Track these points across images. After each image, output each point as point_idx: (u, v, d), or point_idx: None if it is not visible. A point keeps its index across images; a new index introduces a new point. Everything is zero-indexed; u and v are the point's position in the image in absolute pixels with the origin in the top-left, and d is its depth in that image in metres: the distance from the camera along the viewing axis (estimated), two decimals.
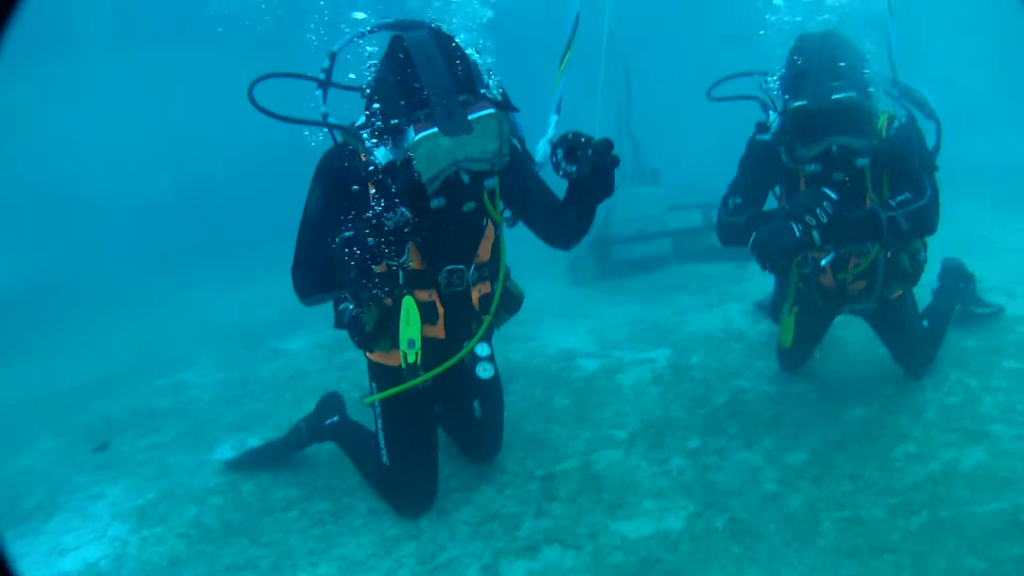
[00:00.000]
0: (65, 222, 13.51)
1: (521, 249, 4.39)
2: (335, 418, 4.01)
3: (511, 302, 3.56)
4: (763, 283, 6.61)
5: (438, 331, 3.26)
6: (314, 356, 6.07)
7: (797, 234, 3.41)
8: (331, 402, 4.15)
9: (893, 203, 3.58)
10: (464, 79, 2.90)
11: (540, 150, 3.28)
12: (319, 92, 3.19)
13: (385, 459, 3.51)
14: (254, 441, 4.63)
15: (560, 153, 2.85)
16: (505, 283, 3.41)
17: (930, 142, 3.83)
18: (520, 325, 6.13)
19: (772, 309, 4.48)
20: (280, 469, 4.17)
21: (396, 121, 2.81)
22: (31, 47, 13.48)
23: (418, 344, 3.08)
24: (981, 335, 4.78)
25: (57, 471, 4.61)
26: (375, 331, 3.21)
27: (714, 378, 4.71)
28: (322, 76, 3.19)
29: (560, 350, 5.57)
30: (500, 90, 3.05)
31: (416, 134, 2.76)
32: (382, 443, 3.50)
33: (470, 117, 2.79)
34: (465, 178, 2.95)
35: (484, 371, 3.30)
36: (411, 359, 3.06)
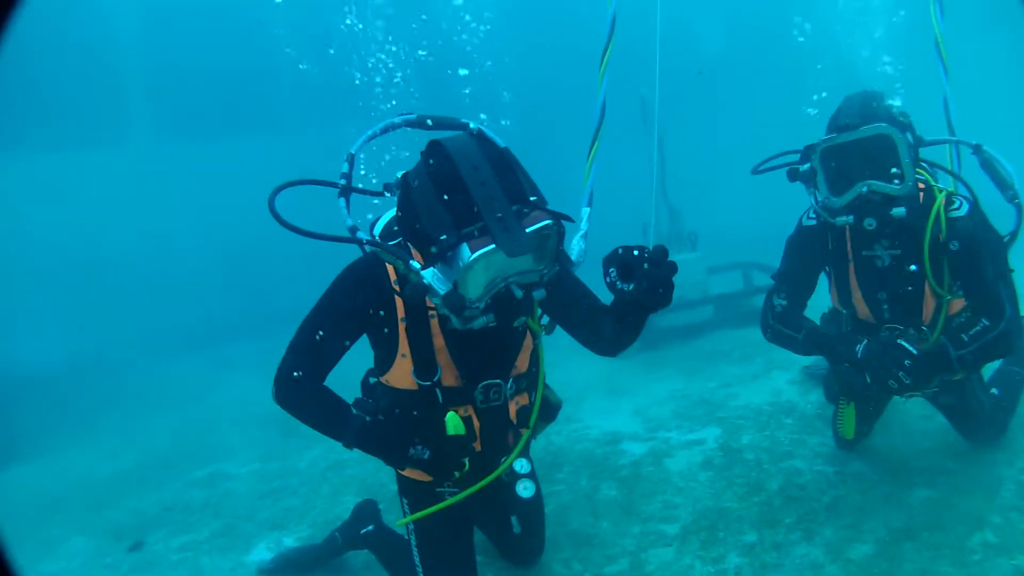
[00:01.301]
0: (105, 302, 13.71)
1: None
2: (370, 528, 3.83)
3: (549, 411, 3.36)
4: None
5: (475, 446, 3.04)
6: None
7: (869, 380, 3.49)
8: (366, 510, 3.97)
9: (966, 336, 3.39)
10: (514, 188, 2.58)
11: (575, 248, 2.97)
12: (341, 200, 2.94)
13: None
14: (290, 540, 4.47)
15: (614, 273, 2.49)
16: (543, 392, 3.22)
17: (1003, 226, 3.63)
18: (564, 404, 5.95)
19: (826, 387, 4.25)
20: (316, 574, 4.00)
21: (445, 237, 2.47)
22: (83, 131, 13.93)
23: (466, 458, 2.92)
24: None
25: (91, 575, 4.48)
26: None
27: (767, 459, 4.48)
28: (342, 182, 2.95)
29: (604, 432, 5.37)
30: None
31: (472, 252, 2.42)
32: (417, 562, 3.28)
33: (528, 230, 2.47)
34: (518, 293, 2.63)
35: (525, 490, 3.10)
36: (463, 469, 2.90)
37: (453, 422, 2.90)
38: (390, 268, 2.87)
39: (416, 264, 2.55)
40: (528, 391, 3.16)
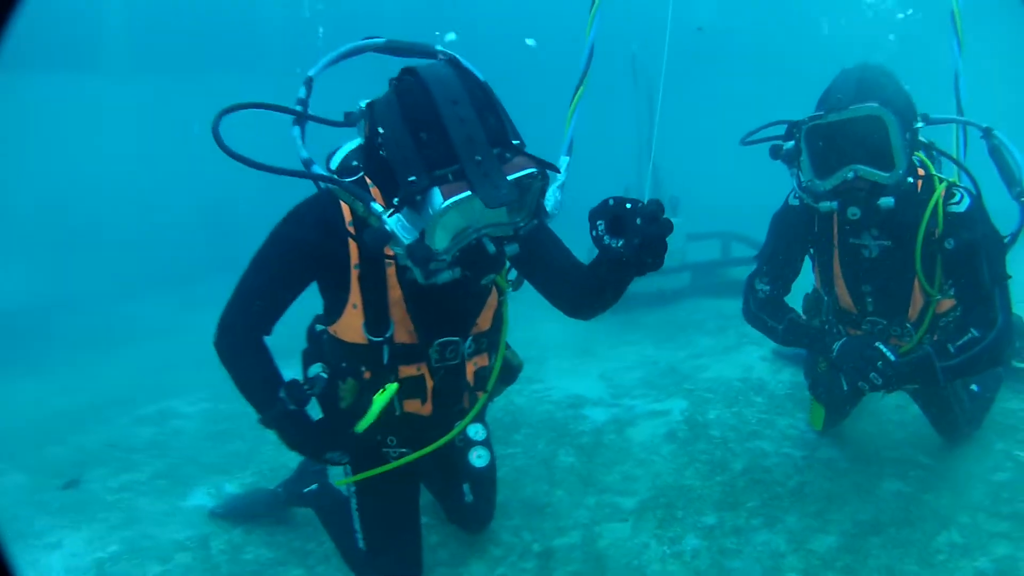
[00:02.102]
0: (75, 237, 13.38)
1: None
2: (314, 487, 3.63)
3: (509, 373, 3.13)
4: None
5: (425, 408, 2.81)
6: None
7: (845, 387, 3.35)
8: (311, 466, 3.76)
9: (952, 347, 3.15)
10: (496, 128, 2.26)
11: (551, 199, 2.69)
12: (295, 130, 2.55)
13: (361, 544, 3.07)
14: (231, 487, 4.27)
15: (602, 226, 2.21)
16: (504, 353, 2.97)
17: (1004, 225, 3.42)
18: (526, 364, 5.75)
19: (806, 368, 4.06)
20: (256, 524, 3.81)
21: (415, 179, 2.15)
22: (60, 60, 13.43)
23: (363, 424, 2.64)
24: None
25: (21, 512, 4.25)
26: (352, 408, 2.71)
27: (733, 437, 4.32)
28: (299, 108, 2.58)
29: (567, 396, 5.19)
30: None
31: (445, 199, 2.11)
32: (357, 526, 3.05)
33: (509, 178, 2.16)
34: (491, 247, 2.35)
35: (479, 458, 2.91)
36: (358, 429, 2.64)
37: (381, 398, 2.63)
38: (345, 207, 2.56)
39: (378, 207, 2.23)
40: (488, 351, 2.92)
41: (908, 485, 3.64)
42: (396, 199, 2.20)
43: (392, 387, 2.64)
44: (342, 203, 2.55)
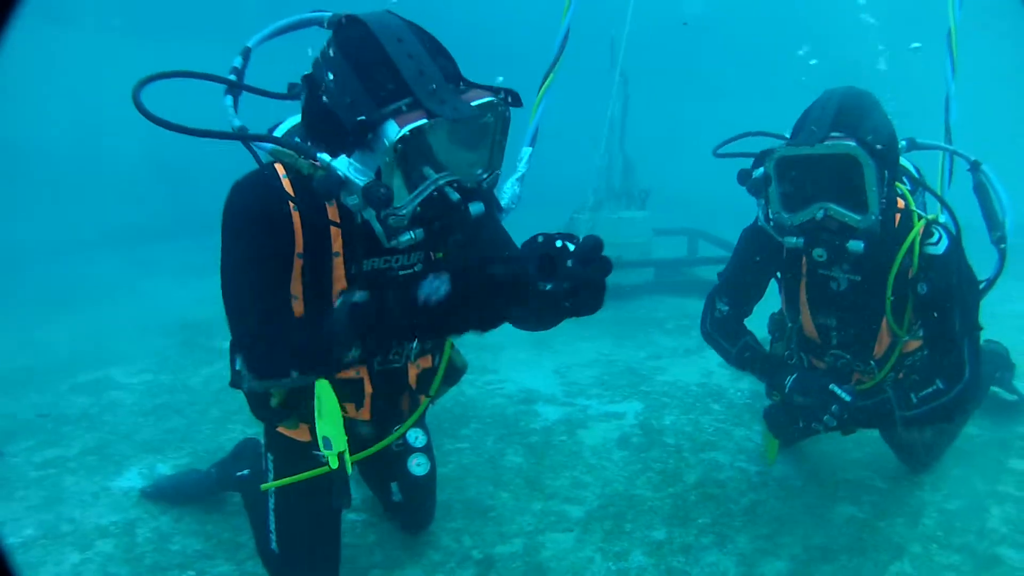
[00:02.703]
0: (29, 189, 12.97)
1: None
2: (246, 472, 3.41)
3: (453, 375, 2.87)
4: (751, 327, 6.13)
5: (362, 413, 2.59)
6: None
7: (800, 424, 3.19)
8: (247, 450, 3.56)
9: (915, 397, 3.02)
10: (447, 67, 2.07)
11: (508, 192, 2.49)
12: (227, 99, 2.30)
13: (273, 546, 2.82)
14: (165, 467, 4.08)
15: (531, 268, 1.78)
16: (450, 352, 2.77)
17: (981, 267, 3.29)
18: (479, 351, 5.61)
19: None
20: (188, 509, 3.62)
21: (364, 116, 1.93)
22: (32, 8, 12.93)
23: (343, 443, 2.27)
24: (985, 424, 4.32)
25: None
26: (282, 408, 2.49)
27: (687, 447, 4.20)
28: (233, 77, 2.34)
29: (520, 389, 5.05)
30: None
31: (400, 127, 1.89)
32: (272, 526, 2.80)
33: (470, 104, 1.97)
34: (454, 196, 2.06)
35: (418, 466, 2.75)
36: (334, 464, 2.27)
37: (322, 391, 2.31)
38: (287, 183, 2.23)
39: (326, 156, 1.97)
40: (433, 352, 2.71)
41: (862, 510, 3.54)
42: (347, 144, 1.99)
43: (324, 383, 2.33)
44: (283, 179, 2.25)
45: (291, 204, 2.21)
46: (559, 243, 1.73)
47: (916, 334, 3.27)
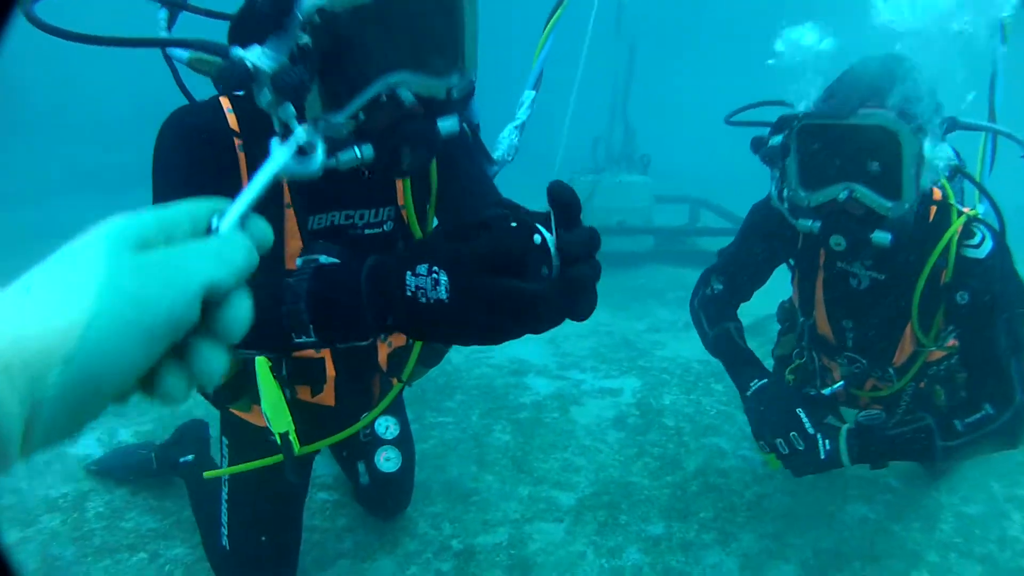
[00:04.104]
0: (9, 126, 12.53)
1: None
2: (190, 457, 3.10)
3: (431, 355, 2.45)
4: (745, 307, 5.84)
5: (325, 397, 2.24)
6: None
7: (767, 449, 2.73)
8: (191, 433, 3.24)
9: (960, 424, 2.53)
10: None
11: (503, 143, 2.19)
12: (163, 12, 1.92)
13: (224, 542, 2.48)
14: (126, 434, 3.77)
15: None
16: None
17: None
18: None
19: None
20: (143, 483, 3.32)
21: None
22: None
23: (284, 424, 1.99)
24: None
25: None
26: (229, 388, 2.17)
27: (688, 430, 3.91)
28: None
29: (510, 359, 4.74)
30: None
31: None
32: (224, 519, 2.47)
33: None
34: (407, 97, 1.57)
35: (387, 461, 2.42)
36: (291, 452, 2.00)
37: (261, 373, 2.00)
38: (232, 118, 1.85)
39: (239, 51, 1.50)
40: None
41: (874, 511, 3.27)
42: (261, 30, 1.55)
43: (262, 362, 2.03)
44: (228, 113, 1.86)
45: (236, 141, 1.83)
46: (537, 238, 1.04)
47: (943, 344, 2.88)
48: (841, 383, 3.02)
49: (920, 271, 2.64)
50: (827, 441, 2.56)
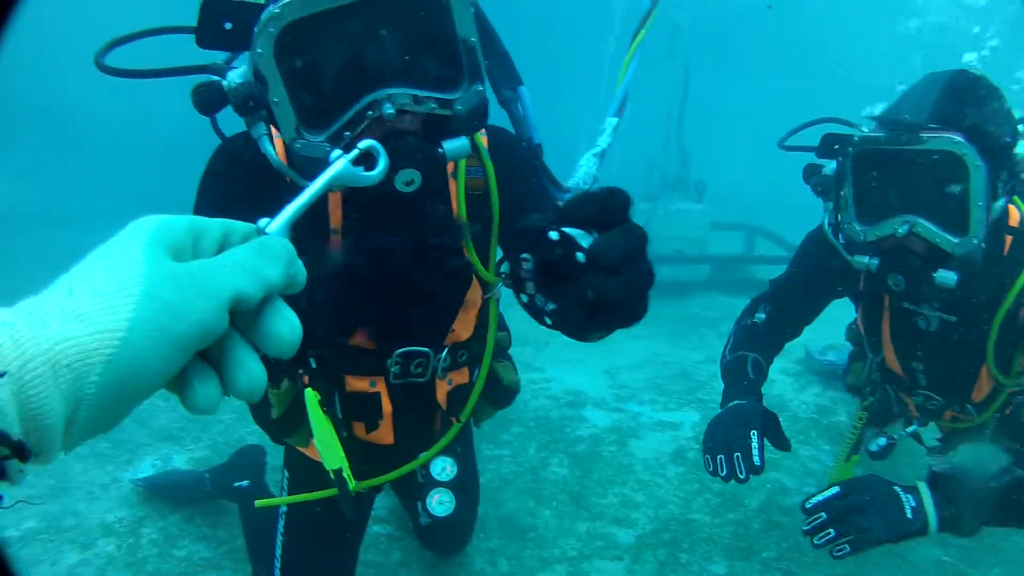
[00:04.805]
0: (66, 151, 12.87)
1: None
2: (245, 483, 3.09)
3: (499, 395, 2.39)
4: (807, 334, 5.71)
5: (382, 435, 2.18)
6: None
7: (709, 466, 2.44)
8: (248, 459, 3.23)
9: None
10: None
11: (580, 170, 2.11)
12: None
13: (277, 573, 2.41)
14: (180, 460, 3.80)
15: (529, 264, 0.94)
16: (493, 364, 2.25)
17: None
18: (523, 346, 5.25)
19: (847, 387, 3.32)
20: (198, 509, 3.32)
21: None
22: None
23: (337, 461, 1.94)
24: None
25: None
26: (285, 420, 2.13)
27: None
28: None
29: (566, 391, 4.68)
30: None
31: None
32: (277, 551, 2.40)
33: None
34: (388, 109, 1.45)
35: (440, 505, 2.36)
36: (346, 488, 1.94)
37: (311, 406, 1.96)
38: (279, 143, 1.65)
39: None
40: (470, 366, 2.24)
41: (948, 553, 3.13)
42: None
43: (311, 395, 1.99)
44: (276, 138, 1.67)
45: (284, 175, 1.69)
46: (554, 234, 0.89)
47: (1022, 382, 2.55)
48: (915, 425, 2.85)
49: (996, 311, 2.37)
50: (910, 497, 2.22)
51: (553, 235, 0.89)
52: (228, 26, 1.43)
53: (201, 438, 4.02)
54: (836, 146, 2.33)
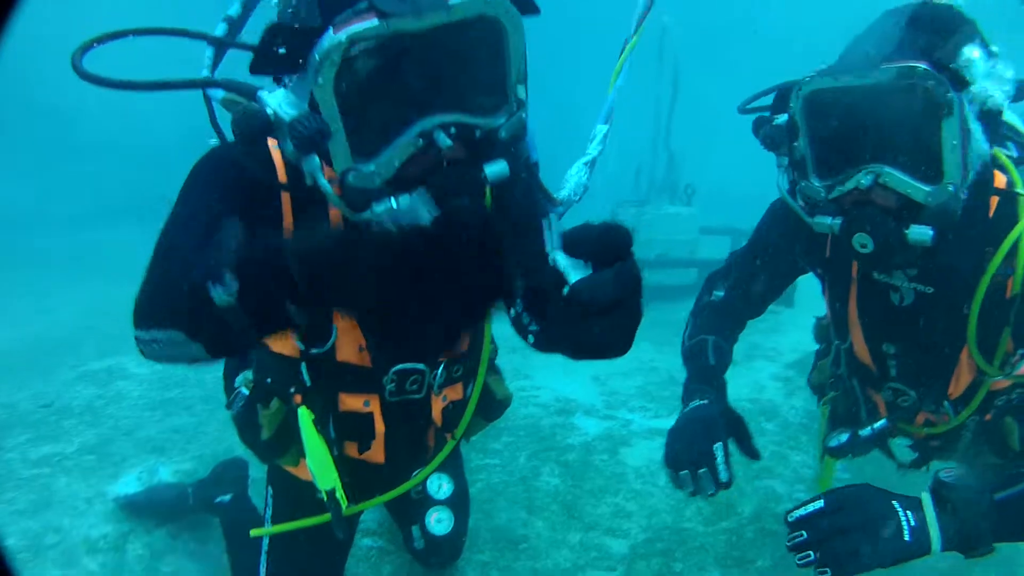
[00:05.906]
0: (68, 152, 12.82)
1: None
2: (227, 497, 3.02)
3: (491, 408, 2.38)
4: (797, 337, 5.72)
5: (374, 454, 2.14)
6: None
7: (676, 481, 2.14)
8: (229, 473, 3.16)
9: None
10: None
11: (571, 180, 2.06)
12: (210, 51, 1.83)
13: None
14: (166, 472, 3.74)
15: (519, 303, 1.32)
16: (486, 379, 2.19)
17: None
18: (511, 353, 5.21)
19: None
20: (185, 523, 3.27)
21: (300, 25, 1.44)
22: None
23: (330, 482, 1.88)
24: None
25: None
26: (275, 441, 2.08)
27: (741, 473, 3.73)
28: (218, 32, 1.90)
29: (556, 399, 4.66)
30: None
31: (336, 33, 1.35)
32: (261, 570, 2.33)
33: (451, 2, 1.38)
34: (444, 141, 1.43)
35: (438, 523, 2.34)
36: (339, 510, 1.90)
37: (304, 425, 1.91)
38: (277, 155, 1.71)
39: (264, 94, 1.44)
40: (464, 380, 2.21)
41: (959, 558, 3.11)
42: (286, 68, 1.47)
43: (304, 413, 1.94)
44: (274, 149, 1.74)
45: (282, 188, 1.69)
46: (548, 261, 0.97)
47: (1011, 373, 2.17)
48: (883, 421, 2.45)
49: (978, 279, 2.05)
50: (910, 514, 1.85)
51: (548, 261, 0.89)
52: (282, 51, 1.40)
53: (188, 449, 3.97)
54: (786, 94, 2.05)
